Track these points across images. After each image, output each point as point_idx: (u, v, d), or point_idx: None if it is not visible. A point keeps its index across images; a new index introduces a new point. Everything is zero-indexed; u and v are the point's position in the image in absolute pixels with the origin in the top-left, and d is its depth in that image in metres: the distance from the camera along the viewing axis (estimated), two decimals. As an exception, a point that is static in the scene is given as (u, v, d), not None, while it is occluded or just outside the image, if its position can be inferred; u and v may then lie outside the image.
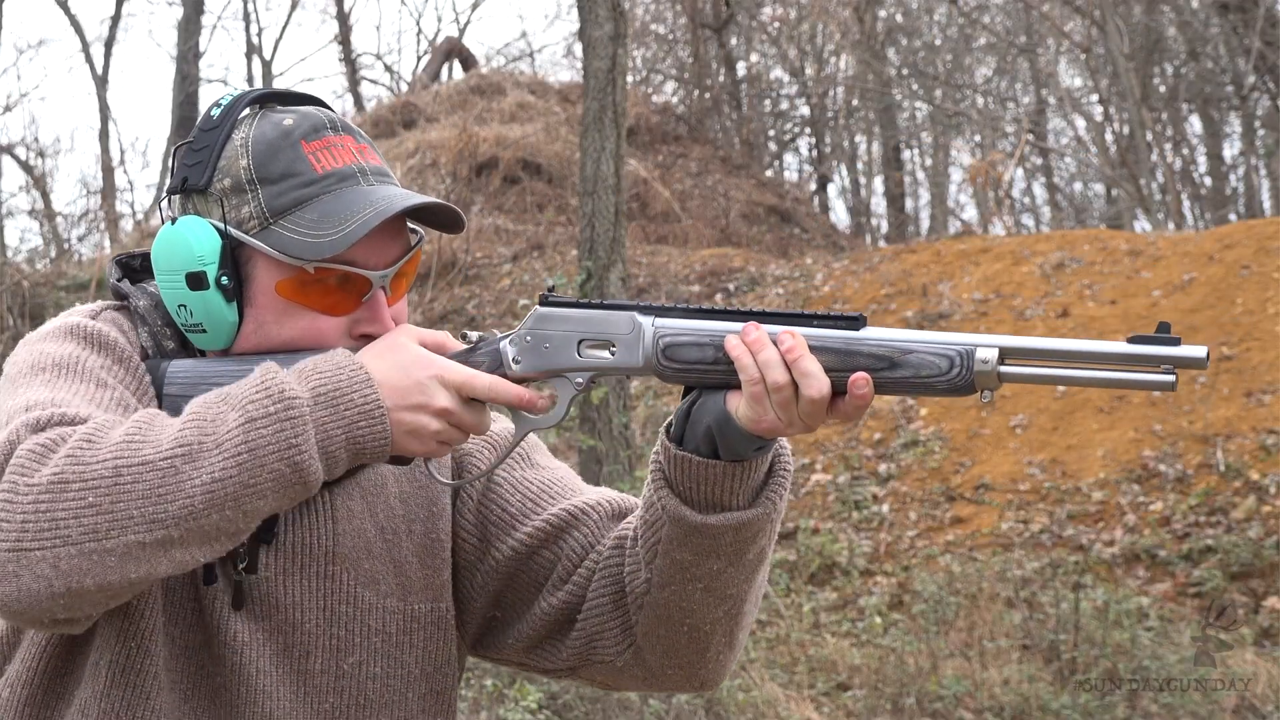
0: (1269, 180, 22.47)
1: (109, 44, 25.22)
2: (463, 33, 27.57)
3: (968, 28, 23.19)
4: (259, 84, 24.00)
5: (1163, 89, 22.07)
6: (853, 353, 1.85)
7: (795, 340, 1.85)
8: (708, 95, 21.29)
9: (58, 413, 1.84)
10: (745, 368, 1.86)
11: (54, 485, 1.77)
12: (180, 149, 2.02)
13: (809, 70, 23.27)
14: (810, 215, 19.95)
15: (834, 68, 23.55)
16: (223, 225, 1.95)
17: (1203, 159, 22.82)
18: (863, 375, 1.84)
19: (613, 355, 1.94)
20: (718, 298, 14.35)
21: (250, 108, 2.02)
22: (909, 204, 24.46)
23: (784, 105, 23.92)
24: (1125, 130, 19.97)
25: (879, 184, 24.09)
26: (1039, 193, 24.85)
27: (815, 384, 1.84)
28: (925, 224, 24.05)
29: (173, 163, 2.02)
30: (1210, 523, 9.97)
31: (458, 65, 22.30)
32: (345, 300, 1.98)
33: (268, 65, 26.14)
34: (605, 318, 1.94)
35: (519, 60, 25.74)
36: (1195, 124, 22.76)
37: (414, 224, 2.04)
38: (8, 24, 36.63)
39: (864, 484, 11.28)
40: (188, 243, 1.95)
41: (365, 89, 26.92)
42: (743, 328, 1.88)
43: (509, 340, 1.97)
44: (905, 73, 23.72)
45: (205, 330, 1.97)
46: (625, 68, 10.84)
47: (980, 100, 23.92)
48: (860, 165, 24.69)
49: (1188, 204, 21.56)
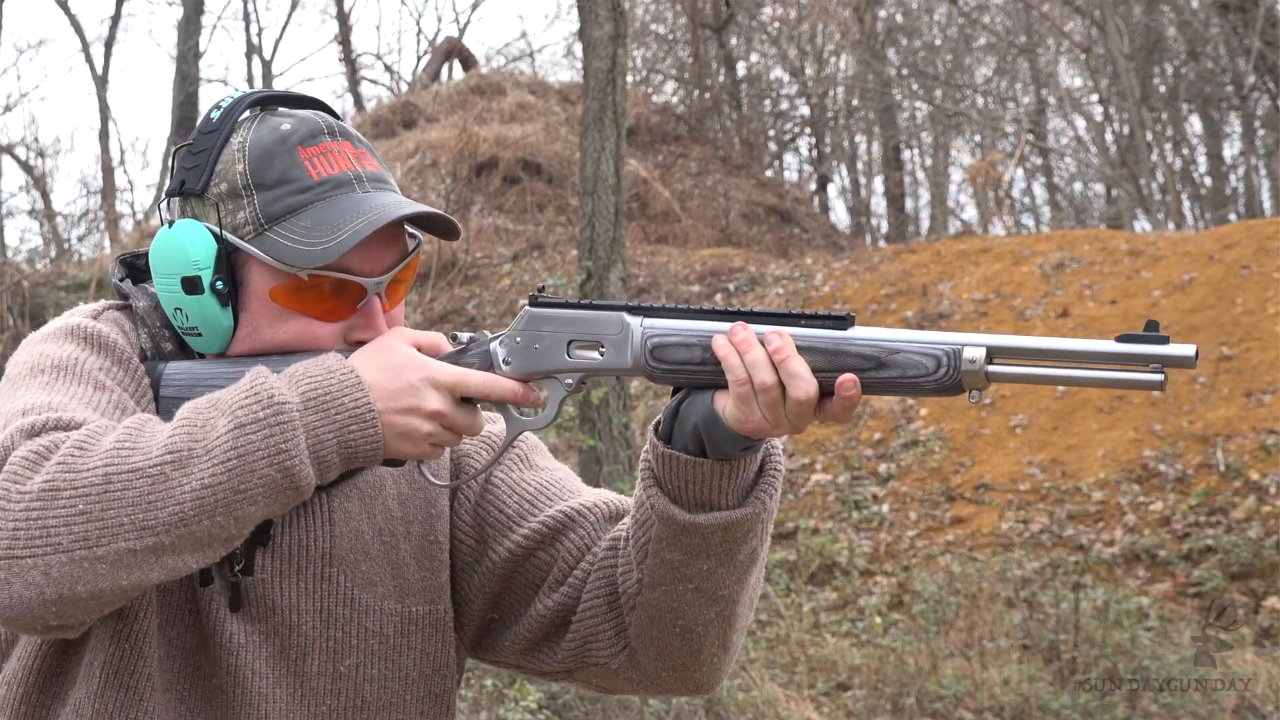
0: (1269, 180, 22.45)
1: (109, 44, 25.22)
2: (463, 33, 27.58)
3: (968, 28, 23.17)
4: (259, 84, 24.06)
5: (1163, 89, 22.04)
6: (840, 353, 1.84)
7: (783, 340, 1.84)
8: (708, 95, 21.27)
9: (53, 417, 1.84)
10: (732, 368, 1.85)
11: (45, 493, 1.77)
12: (180, 151, 2.02)
13: (809, 70, 23.25)
14: (810, 215, 19.94)
15: (834, 68, 23.53)
16: (219, 230, 1.95)
17: (1203, 159, 22.81)
18: (850, 376, 1.83)
19: (602, 356, 1.93)
20: (718, 298, 14.33)
21: (250, 110, 2.01)
22: (909, 204, 24.45)
23: (784, 105, 23.91)
24: (1125, 130, 19.96)
25: (879, 184, 24.08)
26: (1039, 193, 24.86)
27: (802, 385, 1.83)
28: (925, 224, 24.04)
29: (172, 164, 2.02)
30: (1210, 523, 9.96)
31: (458, 65, 22.30)
32: (340, 306, 1.98)
33: (268, 65, 26.11)
34: (594, 318, 1.94)
35: (519, 60, 25.75)
36: (1195, 124, 22.76)
37: (411, 229, 2.04)
38: (8, 24, 36.61)
39: (864, 484, 11.27)
40: (184, 247, 1.96)
41: (365, 89, 26.94)
42: (730, 328, 1.87)
43: (499, 341, 1.96)
44: (905, 73, 23.69)
45: (201, 334, 1.97)
46: (625, 68, 10.84)
47: (980, 100, 23.90)
48: (860, 165, 24.68)
49: (1188, 204, 21.55)
